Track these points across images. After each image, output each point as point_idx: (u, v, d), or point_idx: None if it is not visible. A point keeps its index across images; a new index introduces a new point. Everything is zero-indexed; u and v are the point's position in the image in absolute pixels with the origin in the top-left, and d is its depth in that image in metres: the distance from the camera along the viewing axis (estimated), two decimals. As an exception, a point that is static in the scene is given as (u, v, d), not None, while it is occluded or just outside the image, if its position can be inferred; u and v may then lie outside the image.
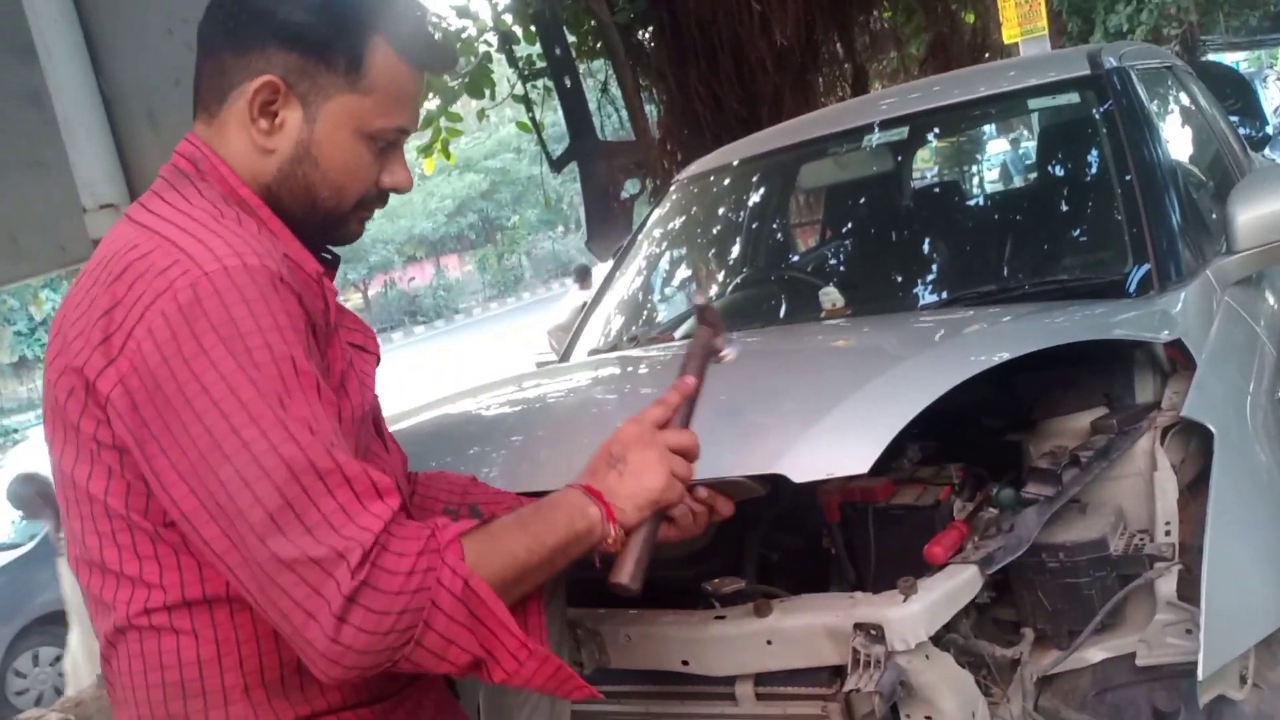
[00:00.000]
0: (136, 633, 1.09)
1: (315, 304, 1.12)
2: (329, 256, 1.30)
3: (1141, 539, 1.53)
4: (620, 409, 1.95)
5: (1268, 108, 11.63)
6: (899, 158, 3.07)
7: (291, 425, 0.99)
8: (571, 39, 6.57)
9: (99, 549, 1.09)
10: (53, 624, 6.40)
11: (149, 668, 1.09)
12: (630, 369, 2.36)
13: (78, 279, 1.13)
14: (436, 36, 1.29)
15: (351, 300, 31.02)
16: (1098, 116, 2.49)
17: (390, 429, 1.70)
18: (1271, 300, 2.40)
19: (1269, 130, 8.67)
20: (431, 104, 7.17)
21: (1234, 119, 3.99)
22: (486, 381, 2.32)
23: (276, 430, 0.98)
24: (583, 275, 9.57)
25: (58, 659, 6.39)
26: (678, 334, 2.76)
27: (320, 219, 1.21)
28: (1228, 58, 16.29)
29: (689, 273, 3.38)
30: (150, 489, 1.04)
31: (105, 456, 1.06)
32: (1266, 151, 6.91)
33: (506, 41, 6.89)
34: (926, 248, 2.75)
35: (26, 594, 6.35)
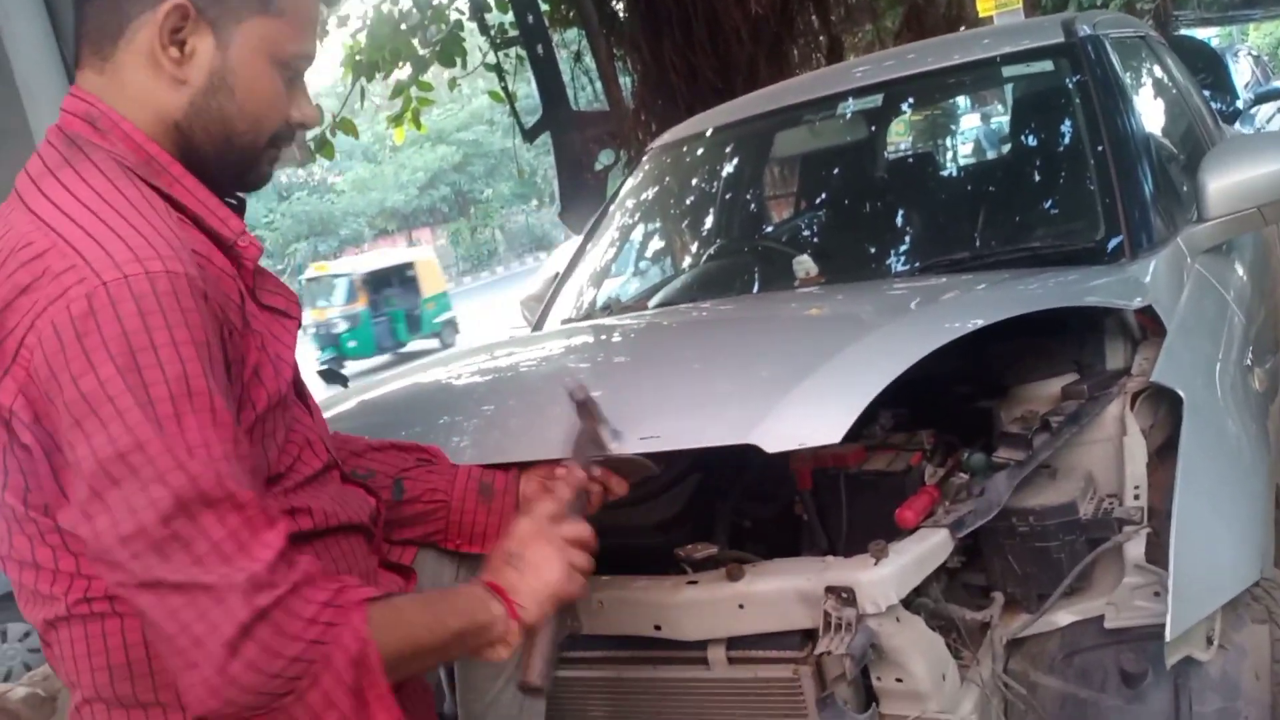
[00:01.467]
0: (80, 620, 1.06)
1: (229, 296, 1.07)
2: (234, 202, 1.21)
3: (1110, 503, 1.54)
4: (591, 376, 1.93)
5: (1238, 83, 11.70)
6: (873, 126, 3.06)
7: (179, 451, 0.94)
8: (544, 7, 6.50)
9: (30, 550, 1.06)
10: (22, 599, 6.34)
11: (93, 651, 1.06)
12: (601, 336, 2.35)
13: None
14: None
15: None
16: (1071, 85, 2.49)
17: (361, 397, 1.68)
18: (1240, 269, 2.41)
19: (1239, 104, 8.73)
20: (402, 73, 7.10)
21: (1206, 93, 4.01)
22: (457, 350, 2.29)
23: (164, 458, 0.93)
24: None
25: (27, 635, 6.33)
26: (651, 303, 2.75)
27: (235, 158, 1.15)
28: (1200, 33, 16.35)
29: (663, 243, 3.36)
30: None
31: (16, 462, 1.03)
32: (1237, 125, 6.96)
33: (478, 9, 6.81)
34: (900, 216, 2.75)
35: (-7, 569, 6.27)
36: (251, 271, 1.15)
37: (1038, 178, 2.68)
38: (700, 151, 3.20)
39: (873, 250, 2.62)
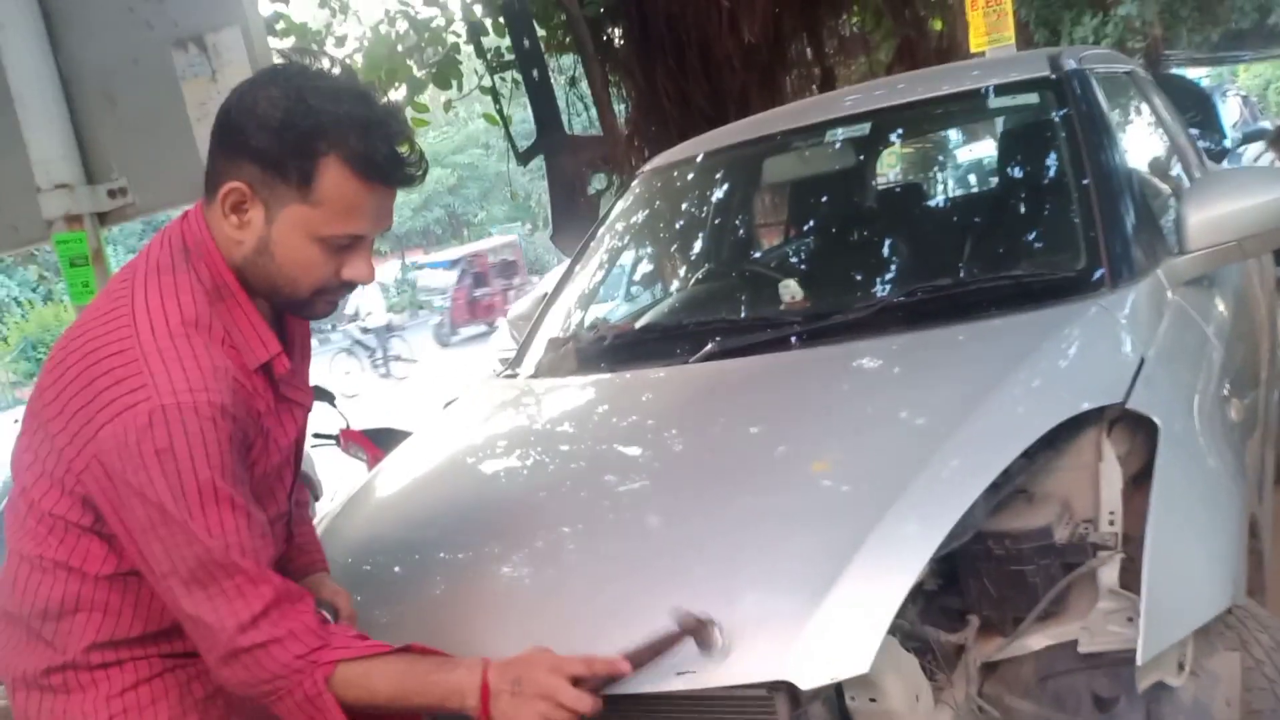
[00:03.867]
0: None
1: (254, 406, 1.41)
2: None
3: (1086, 528, 1.55)
4: (587, 584, 1.64)
5: (1226, 122, 11.83)
6: (861, 155, 3.09)
7: (199, 528, 1.30)
8: (540, 32, 6.55)
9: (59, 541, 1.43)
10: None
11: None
12: (579, 493, 1.91)
13: (64, 342, 1.41)
14: (404, 151, 1.41)
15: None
16: (1056, 118, 2.52)
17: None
18: (1220, 304, 2.44)
19: (1227, 143, 8.81)
20: (398, 94, 7.14)
21: (1194, 131, 4.06)
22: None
23: (188, 530, 1.31)
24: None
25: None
26: (638, 324, 2.77)
27: (282, 301, 1.45)
28: (1190, 73, 16.54)
29: (651, 266, 3.39)
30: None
31: (72, 496, 1.39)
32: (1224, 164, 7.04)
33: (475, 32, 6.86)
34: (887, 244, 2.77)
35: None
36: (280, 377, 1.48)
37: (1022, 209, 2.71)
38: (690, 176, 3.23)
39: (858, 277, 2.64)
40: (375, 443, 4.08)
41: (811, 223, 3.24)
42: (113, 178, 2.63)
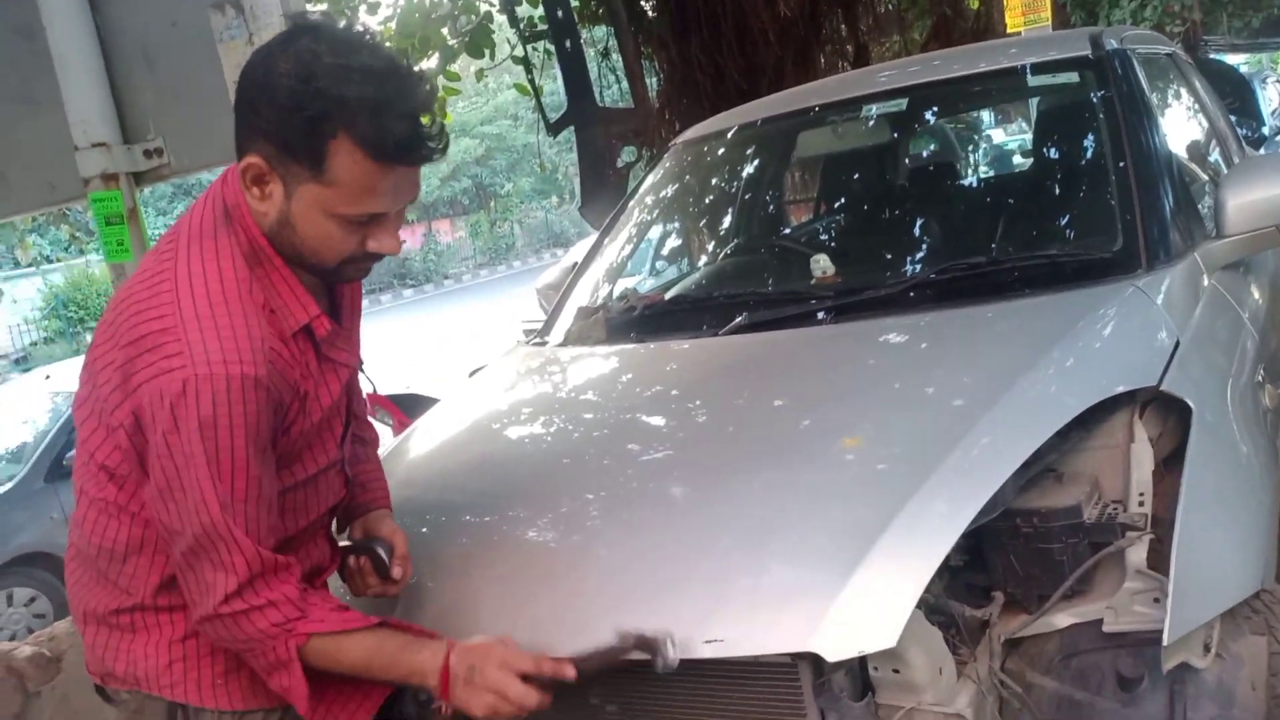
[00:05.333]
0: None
1: (290, 373, 1.44)
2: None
3: (1115, 508, 1.55)
4: (618, 556, 1.63)
5: (1265, 109, 11.66)
6: (896, 131, 3.07)
7: (210, 497, 1.35)
8: (574, 2, 6.52)
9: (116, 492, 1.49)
10: (28, 564, 6.38)
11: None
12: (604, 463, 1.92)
13: (114, 303, 1.46)
14: (425, 123, 1.37)
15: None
16: (1096, 98, 2.50)
17: None
18: (1256, 290, 2.42)
19: (1264, 130, 8.69)
20: (430, 63, 7.14)
21: (1232, 118, 4.01)
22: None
23: (200, 498, 1.36)
24: None
25: (32, 600, 6.39)
26: (667, 295, 2.77)
27: (309, 268, 1.46)
28: (1229, 59, 16.28)
29: (681, 239, 3.38)
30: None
31: (119, 449, 1.45)
32: (1262, 151, 6.95)
33: (509, 2, 6.84)
34: (920, 221, 2.75)
35: (2, 535, 6.32)
36: (321, 339, 1.50)
37: (1058, 188, 2.69)
38: (722, 150, 3.21)
39: (890, 254, 2.62)
40: (402, 408, 4.10)
41: (844, 198, 3.22)
42: (149, 138, 2.65)
